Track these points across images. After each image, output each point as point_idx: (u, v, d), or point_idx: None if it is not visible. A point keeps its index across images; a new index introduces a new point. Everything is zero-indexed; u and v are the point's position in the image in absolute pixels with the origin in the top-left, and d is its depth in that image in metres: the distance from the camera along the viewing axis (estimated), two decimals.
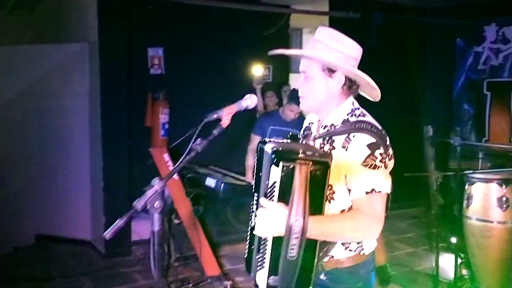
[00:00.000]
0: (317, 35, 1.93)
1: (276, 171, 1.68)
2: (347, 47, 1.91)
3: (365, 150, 1.80)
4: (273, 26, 6.58)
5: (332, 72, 1.91)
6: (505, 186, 3.55)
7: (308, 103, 2.00)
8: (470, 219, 3.71)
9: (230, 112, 2.08)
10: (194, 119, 5.58)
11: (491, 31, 5.59)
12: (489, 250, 3.63)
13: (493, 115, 5.62)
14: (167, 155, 4.26)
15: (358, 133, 1.83)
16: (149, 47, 5.63)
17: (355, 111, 1.94)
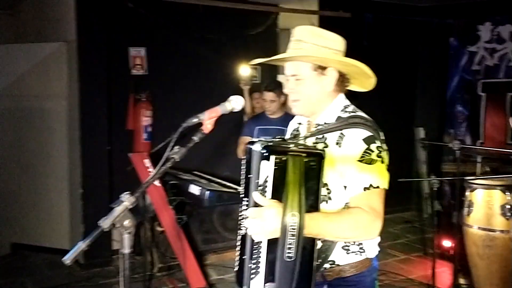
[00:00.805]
0: (298, 34, 1.86)
1: (267, 166, 1.59)
2: (332, 41, 1.85)
3: (361, 144, 1.75)
4: (261, 25, 6.38)
5: (324, 69, 1.85)
6: (509, 193, 3.36)
7: (303, 107, 1.91)
8: (471, 227, 3.52)
9: (212, 116, 1.86)
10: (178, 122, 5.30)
11: (485, 30, 5.43)
12: (491, 260, 3.44)
13: (488, 117, 5.45)
14: (148, 161, 4.02)
15: (352, 128, 1.78)
16: (130, 46, 5.38)
17: (347, 108, 1.90)
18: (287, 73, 1.90)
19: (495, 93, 5.38)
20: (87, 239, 1.63)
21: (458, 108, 5.70)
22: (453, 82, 5.72)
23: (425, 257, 5.30)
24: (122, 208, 1.66)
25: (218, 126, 4.85)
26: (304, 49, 1.81)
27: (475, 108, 5.55)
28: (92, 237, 1.64)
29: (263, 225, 1.57)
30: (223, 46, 5.86)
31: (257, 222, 1.58)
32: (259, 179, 1.63)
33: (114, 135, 5.27)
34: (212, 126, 1.87)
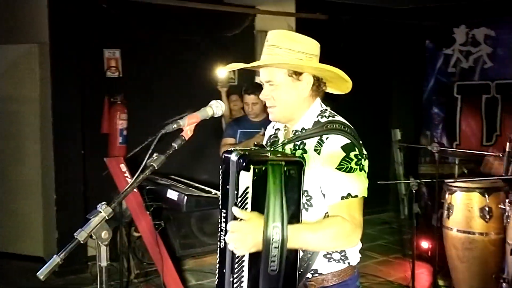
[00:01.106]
0: (272, 39, 1.82)
1: (246, 176, 1.55)
2: (306, 45, 1.81)
3: (340, 152, 1.72)
4: (238, 27, 6.33)
5: (299, 75, 1.82)
6: (488, 196, 3.37)
7: (280, 114, 1.88)
8: (451, 230, 3.53)
9: (192, 121, 1.81)
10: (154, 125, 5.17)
11: (460, 33, 5.49)
12: (471, 263, 3.46)
13: (463, 119, 5.51)
14: (124, 165, 3.93)
15: (331, 135, 1.75)
16: (105, 48, 5.27)
17: (325, 113, 1.87)
18: (262, 79, 1.87)
19: (470, 95, 5.44)
20: (62, 252, 1.55)
21: (434, 110, 5.75)
22: (429, 84, 5.76)
23: (403, 258, 5.32)
24: (99, 219, 1.59)
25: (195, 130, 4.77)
26: (278, 54, 1.78)
27: (451, 110, 5.60)
28: (68, 250, 1.56)
29: (245, 239, 1.53)
30: (199, 48, 5.79)
31: (239, 236, 1.54)
32: (238, 190, 1.58)
33: (88, 139, 5.16)
34: (192, 132, 1.81)
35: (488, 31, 5.25)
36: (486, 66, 5.30)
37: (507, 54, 5.11)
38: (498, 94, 5.21)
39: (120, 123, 5.19)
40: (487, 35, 5.27)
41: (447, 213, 3.53)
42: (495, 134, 5.25)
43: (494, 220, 3.38)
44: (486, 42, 5.29)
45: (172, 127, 1.78)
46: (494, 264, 3.39)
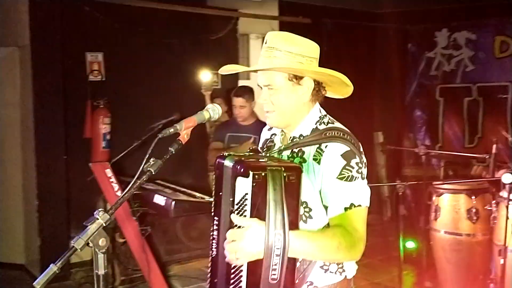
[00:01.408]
0: (271, 41, 1.75)
1: (244, 182, 1.50)
2: (306, 48, 1.75)
3: (340, 161, 1.66)
4: (221, 30, 6.31)
5: (300, 79, 1.76)
6: (475, 197, 3.41)
7: (278, 119, 1.81)
8: (438, 232, 3.56)
9: (189, 125, 1.77)
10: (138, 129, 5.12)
11: (442, 36, 5.56)
12: (459, 264, 3.49)
13: (446, 121, 5.57)
14: (109, 170, 3.87)
15: (330, 143, 1.69)
16: (87, 51, 5.18)
17: (324, 119, 1.82)
18: (260, 83, 1.80)
19: (452, 97, 5.51)
20: (59, 261, 1.51)
21: (416, 112, 5.81)
22: (411, 87, 5.82)
23: (388, 261, 5.34)
24: (96, 226, 1.54)
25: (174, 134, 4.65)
26: (277, 57, 1.71)
27: (433, 113, 5.67)
28: (64, 258, 1.52)
29: (246, 247, 1.47)
30: (183, 51, 5.75)
31: (239, 245, 1.47)
32: (234, 197, 1.52)
33: (70, 144, 5.07)
34: (188, 136, 1.78)
35: (469, 35, 5.33)
36: (467, 69, 5.37)
37: (488, 57, 5.18)
38: (480, 96, 5.29)
39: (103, 127, 5.12)
40: (468, 39, 5.35)
41: (434, 215, 3.56)
42: (477, 136, 5.33)
43: (481, 221, 3.42)
44: (467, 45, 5.37)
45: (169, 131, 1.74)
46: (481, 265, 3.44)
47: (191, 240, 5.34)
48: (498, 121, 5.15)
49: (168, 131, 1.74)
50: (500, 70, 5.11)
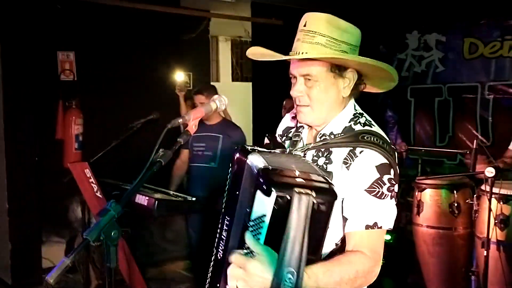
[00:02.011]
0: (312, 24, 1.53)
1: (265, 201, 1.26)
2: (351, 35, 1.56)
3: (373, 172, 1.47)
4: (194, 31, 6.28)
5: (343, 71, 1.55)
6: (456, 192, 3.50)
7: (314, 116, 1.59)
8: (421, 226, 3.63)
9: (197, 116, 1.73)
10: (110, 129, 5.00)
11: (413, 38, 5.69)
12: (441, 257, 3.56)
13: (417, 121, 5.70)
14: (88, 170, 3.75)
15: (366, 149, 1.49)
16: (59, 50, 5.04)
17: (359, 118, 1.60)
18: (295, 72, 1.58)
19: (423, 98, 5.64)
20: (71, 254, 1.45)
21: (388, 113, 5.91)
22: None
23: None
24: (108, 218, 1.49)
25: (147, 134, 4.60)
26: (320, 44, 1.50)
27: (405, 113, 5.78)
28: (77, 251, 1.46)
29: (251, 280, 1.27)
30: (156, 51, 5.70)
31: (244, 275, 1.27)
32: (251, 210, 1.31)
33: (42, 145, 4.92)
34: (196, 127, 1.75)
35: (439, 37, 5.48)
36: (438, 70, 5.52)
37: (458, 58, 5.34)
38: (450, 97, 5.44)
39: (76, 128, 5.00)
40: (438, 40, 5.49)
41: (417, 210, 3.63)
42: (447, 135, 5.47)
43: (462, 215, 3.51)
44: (437, 47, 5.51)
45: (177, 122, 1.70)
46: (463, 258, 3.52)
47: (167, 242, 5.27)
48: (467, 120, 5.30)
49: (176, 121, 1.70)
50: (469, 71, 5.27)
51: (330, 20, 1.54)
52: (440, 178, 3.65)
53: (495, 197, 3.06)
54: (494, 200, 3.05)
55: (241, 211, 1.42)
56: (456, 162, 5.31)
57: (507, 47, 4.99)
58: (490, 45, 5.10)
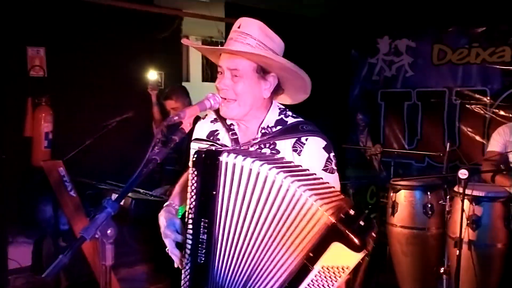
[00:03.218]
0: (246, 27, 1.71)
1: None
2: (276, 45, 1.73)
3: (323, 153, 1.70)
4: (166, 30, 6.22)
5: (266, 74, 1.71)
6: (430, 193, 3.59)
7: (238, 110, 1.73)
8: (395, 226, 3.71)
9: (192, 114, 1.73)
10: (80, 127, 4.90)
11: (384, 43, 5.81)
12: (414, 257, 3.66)
13: (387, 124, 5.82)
14: (62, 169, 3.67)
15: (310, 137, 1.71)
16: (28, 45, 4.91)
17: (286, 111, 1.82)
18: (224, 65, 1.71)
19: (393, 101, 5.76)
20: (68, 251, 1.41)
21: (359, 115, 6.01)
22: (354, 91, 6.02)
23: None
24: (105, 216, 1.47)
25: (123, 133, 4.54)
26: (251, 45, 1.66)
27: (375, 116, 5.89)
28: (74, 248, 1.43)
29: None
30: (128, 48, 5.62)
31: None
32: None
33: (8, 142, 4.77)
34: (191, 125, 1.74)
35: (409, 42, 5.61)
36: (407, 74, 5.64)
37: (427, 64, 5.48)
38: (419, 101, 5.57)
39: (45, 126, 4.88)
40: (409, 46, 5.62)
41: (391, 210, 3.71)
42: (416, 138, 5.61)
43: (435, 216, 3.61)
44: (407, 52, 5.64)
45: (173, 120, 1.69)
46: (435, 257, 3.61)
47: (138, 243, 5.19)
48: (435, 124, 5.44)
49: (172, 119, 1.70)
50: (438, 77, 5.41)
51: (261, 27, 1.72)
52: (414, 179, 3.75)
53: (468, 198, 3.17)
54: (467, 201, 3.15)
55: (227, 207, 1.50)
56: (424, 164, 5.44)
57: (474, 54, 5.15)
58: (458, 52, 5.26)
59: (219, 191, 1.52)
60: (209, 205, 1.53)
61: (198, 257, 1.56)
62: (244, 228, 1.50)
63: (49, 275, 1.38)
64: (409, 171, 5.37)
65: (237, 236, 1.51)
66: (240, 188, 1.49)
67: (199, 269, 1.56)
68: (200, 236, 1.55)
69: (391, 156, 4.85)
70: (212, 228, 1.53)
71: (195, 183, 1.57)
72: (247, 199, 1.48)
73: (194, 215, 1.56)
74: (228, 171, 1.51)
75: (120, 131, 4.60)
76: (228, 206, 1.51)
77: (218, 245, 1.54)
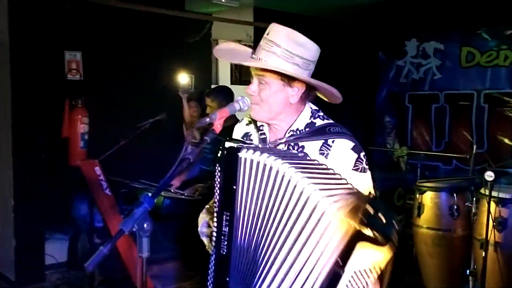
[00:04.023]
0: (273, 35, 1.71)
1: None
2: (307, 50, 1.72)
3: (351, 154, 1.71)
4: (197, 34, 6.38)
5: (292, 81, 1.73)
6: (456, 195, 3.62)
7: (261, 114, 1.80)
8: (421, 228, 3.74)
9: (222, 116, 1.83)
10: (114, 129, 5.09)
11: (411, 46, 5.82)
12: (441, 258, 3.68)
13: (414, 127, 5.83)
14: (98, 168, 3.85)
15: (337, 139, 1.72)
16: (66, 50, 5.12)
17: (317, 113, 1.83)
18: (253, 72, 1.79)
19: (421, 104, 5.77)
20: (108, 243, 1.53)
21: (386, 118, 6.03)
22: (382, 94, 6.05)
23: None
24: (142, 210, 1.58)
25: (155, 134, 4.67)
26: (275, 54, 1.68)
27: (402, 119, 5.91)
28: (113, 241, 1.55)
29: None
30: (160, 52, 5.77)
31: None
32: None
33: (47, 143, 4.98)
34: (221, 127, 1.85)
35: (437, 45, 5.61)
36: (435, 77, 5.65)
37: (454, 66, 5.47)
38: (446, 103, 5.57)
39: (82, 127, 5.07)
40: (436, 49, 5.62)
41: (417, 212, 3.75)
42: (443, 141, 5.60)
43: (461, 218, 3.64)
44: (435, 55, 5.64)
45: (205, 121, 1.81)
46: (461, 259, 3.64)
47: (169, 240, 5.34)
48: (463, 126, 5.44)
49: (204, 121, 1.81)
50: (466, 79, 5.40)
51: (289, 34, 1.71)
52: (440, 181, 3.78)
53: (494, 200, 3.19)
54: (493, 203, 3.18)
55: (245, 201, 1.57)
56: (451, 167, 5.44)
57: (503, 57, 5.13)
58: (487, 54, 5.25)
59: (239, 186, 1.59)
60: (230, 199, 1.61)
61: (221, 249, 1.63)
62: (259, 222, 1.58)
63: (91, 266, 1.50)
64: (436, 173, 5.37)
65: (252, 230, 1.59)
66: (256, 182, 1.57)
67: (222, 261, 1.63)
68: (223, 229, 1.63)
69: (418, 158, 4.87)
70: (232, 221, 1.61)
71: (218, 179, 1.67)
72: (261, 194, 1.56)
73: (218, 209, 1.66)
74: (247, 166, 1.58)
75: (152, 132, 4.76)
76: (246, 200, 1.59)
77: (237, 238, 1.61)
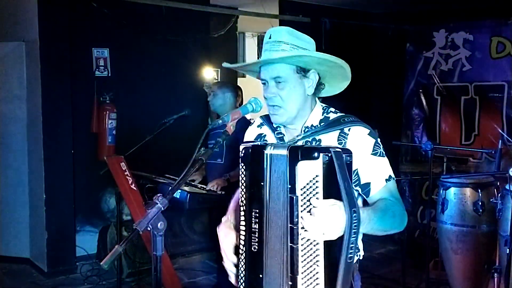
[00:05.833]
0: (276, 36, 1.77)
1: (311, 166, 1.49)
2: (308, 43, 1.81)
3: (369, 139, 1.76)
4: (222, 28, 6.41)
5: (306, 72, 1.81)
6: (481, 190, 3.56)
7: (286, 115, 1.83)
8: (445, 224, 3.70)
9: (235, 117, 1.87)
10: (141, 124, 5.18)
11: (440, 37, 5.69)
12: (465, 254, 3.63)
13: (443, 119, 5.71)
14: (124, 164, 3.93)
15: (353, 126, 1.78)
16: (94, 47, 5.23)
17: (328, 108, 1.90)
18: (266, 77, 1.81)
19: (450, 96, 5.65)
20: (123, 242, 1.60)
21: (414, 110, 5.93)
22: (409, 86, 5.95)
23: (386, 254, 5.51)
24: (156, 210, 1.64)
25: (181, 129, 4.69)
26: (286, 51, 1.75)
27: (431, 111, 5.80)
28: (128, 239, 1.62)
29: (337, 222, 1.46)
30: (186, 48, 5.83)
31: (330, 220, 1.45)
32: (296, 182, 1.51)
33: (77, 138, 5.13)
34: (234, 128, 1.88)
35: (467, 36, 5.47)
36: (464, 68, 5.51)
37: (484, 57, 5.33)
38: (476, 95, 5.43)
39: (110, 122, 5.17)
40: (466, 39, 5.48)
41: (441, 207, 3.70)
42: (473, 134, 5.48)
43: (486, 214, 3.57)
44: (464, 46, 5.50)
45: (218, 123, 1.85)
46: (485, 255, 3.59)
47: (195, 234, 5.45)
48: (493, 119, 5.30)
49: (217, 122, 1.86)
50: (496, 70, 5.24)
51: (289, 31, 1.79)
52: (465, 176, 3.72)
53: None
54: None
55: (279, 195, 1.58)
56: (481, 160, 5.32)
57: None
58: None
59: (266, 182, 1.62)
60: (259, 196, 1.63)
61: (252, 246, 1.65)
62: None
63: (106, 263, 1.56)
64: (465, 167, 5.27)
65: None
66: (279, 175, 1.59)
67: (254, 258, 1.64)
68: (252, 226, 1.65)
69: (446, 152, 4.77)
70: (262, 217, 1.63)
71: (244, 177, 1.70)
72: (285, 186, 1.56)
73: (246, 207, 1.69)
74: (272, 161, 1.62)
75: (177, 127, 4.83)
76: (273, 195, 1.61)
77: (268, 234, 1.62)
